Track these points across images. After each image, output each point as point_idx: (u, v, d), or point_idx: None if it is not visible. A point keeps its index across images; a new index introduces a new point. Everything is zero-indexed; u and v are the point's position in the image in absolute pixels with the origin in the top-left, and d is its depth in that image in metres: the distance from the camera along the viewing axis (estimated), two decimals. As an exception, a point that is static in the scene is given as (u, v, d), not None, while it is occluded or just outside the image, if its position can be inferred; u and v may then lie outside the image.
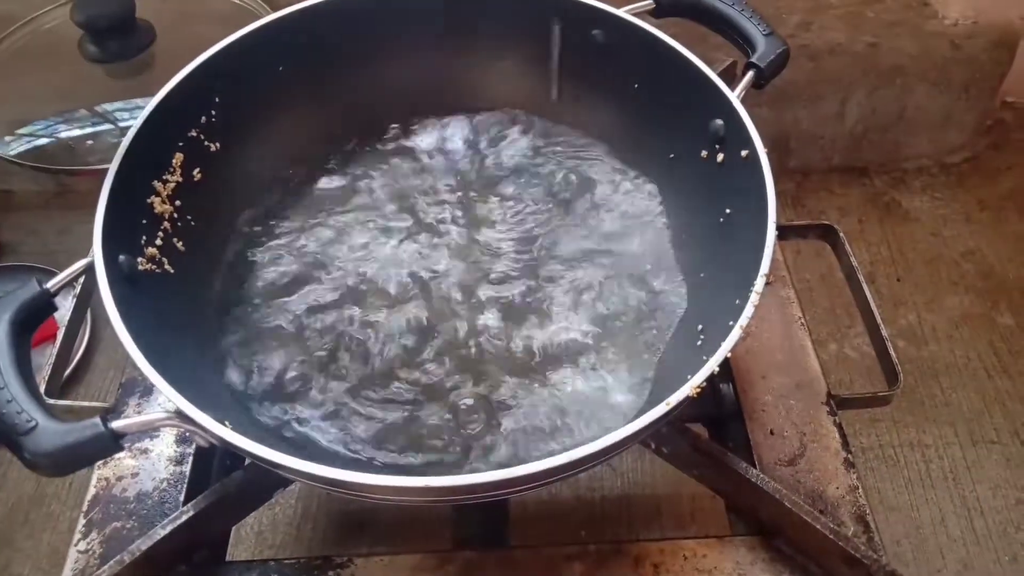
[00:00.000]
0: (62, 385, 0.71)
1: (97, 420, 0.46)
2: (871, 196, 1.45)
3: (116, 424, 0.46)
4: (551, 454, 0.45)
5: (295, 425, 0.60)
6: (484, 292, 0.68)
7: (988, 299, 1.30)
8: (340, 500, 1.08)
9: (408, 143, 0.78)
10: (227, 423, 0.48)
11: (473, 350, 0.64)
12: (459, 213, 0.73)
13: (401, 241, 0.71)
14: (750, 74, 0.66)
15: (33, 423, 0.45)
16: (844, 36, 1.31)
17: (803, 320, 0.75)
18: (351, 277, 0.69)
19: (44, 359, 0.69)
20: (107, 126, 1.29)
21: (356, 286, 0.68)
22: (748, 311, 0.51)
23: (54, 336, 0.70)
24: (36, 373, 0.51)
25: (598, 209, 0.73)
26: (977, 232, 1.39)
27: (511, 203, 0.74)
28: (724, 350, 0.50)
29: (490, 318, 0.66)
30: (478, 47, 0.77)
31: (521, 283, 0.68)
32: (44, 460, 0.45)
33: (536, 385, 0.62)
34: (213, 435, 0.48)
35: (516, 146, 0.78)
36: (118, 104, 1.28)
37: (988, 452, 1.13)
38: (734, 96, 0.63)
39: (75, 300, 0.71)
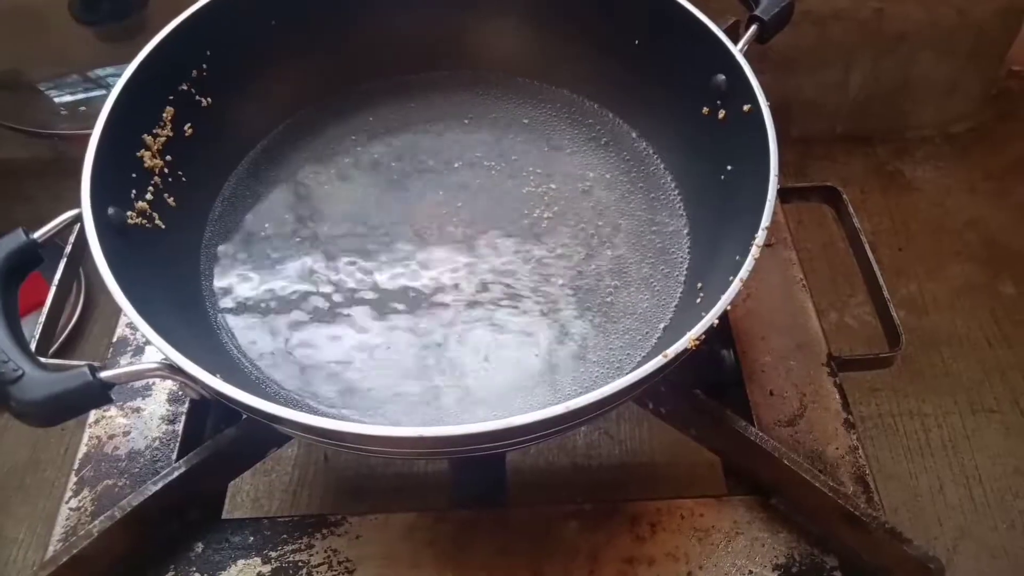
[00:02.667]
0: (56, 352, 0.71)
1: (85, 369, 0.45)
2: (874, 166, 1.43)
3: (104, 374, 0.46)
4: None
5: (287, 385, 0.60)
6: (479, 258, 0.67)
7: (990, 269, 1.29)
8: (336, 467, 1.08)
9: (402, 97, 0.76)
10: (218, 376, 0.47)
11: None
12: (456, 165, 0.72)
13: (395, 193, 0.70)
14: (753, 28, 0.65)
15: (20, 372, 0.45)
16: (849, 1, 1.29)
17: (804, 282, 0.74)
18: (343, 228, 0.68)
19: (34, 327, 0.68)
20: (100, 91, 1.28)
21: (349, 235, 0.68)
22: (748, 264, 0.51)
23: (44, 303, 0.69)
24: (29, 341, 0.50)
25: (597, 170, 0.72)
26: (980, 202, 1.38)
27: (503, 163, 0.73)
28: (724, 303, 0.49)
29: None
30: (476, 3, 0.75)
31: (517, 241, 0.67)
32: (31, 409, 0.44)
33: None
34: (204, 386, 0.47)
35: (513, 106, 0.77)
36: (110, 69, 1.27)
37: (987, 421, 1.13)
38: (736, 50, 0.62)
39: (66, 260, 0.70)
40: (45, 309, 0.68)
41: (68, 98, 1.29)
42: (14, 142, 1.36)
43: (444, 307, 0.63)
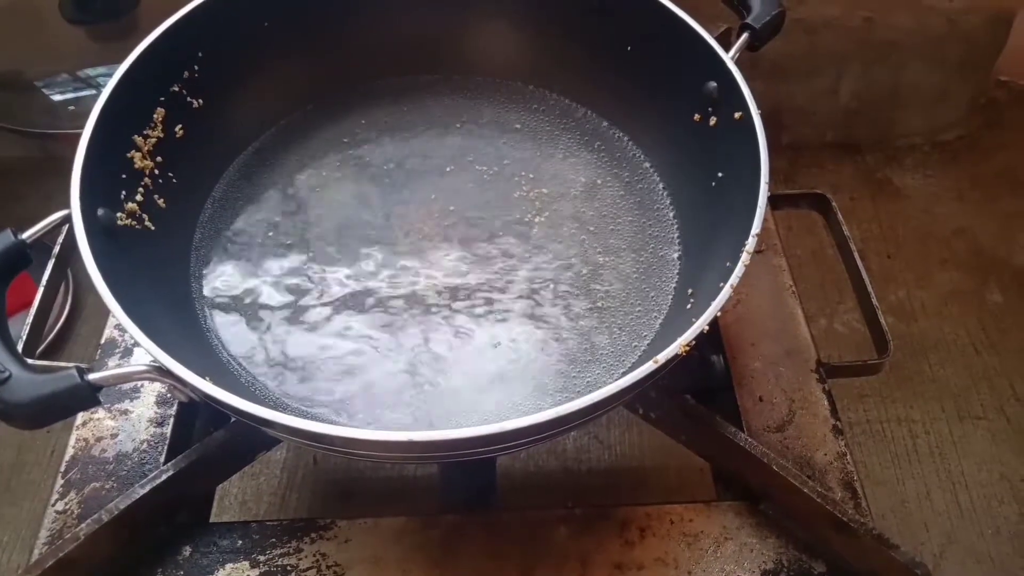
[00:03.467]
0: (43, 354, 0.70)
1: (73, 371, 0.45)
2: (863, 173, 1.44)
3: (93, 376, 0.45)
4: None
5: (276, 388, 0.59)
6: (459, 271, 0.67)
7: (978, 276, 1.29)
8: (325, 471, 1.08)
9: (394, 101, 0.76)
10: (207, 378, 0.47)
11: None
12: (448, 169, 0.72)
13: (387, 196, 0.70)
14: (745, 35, 0.65)
15: (7, 373, 0.44)
16: (840, 10, 1.30)
17: (794, 289, 0.74)
18: (334, 231, 0.68)
19: (22, 328, 0.67)
20: (90, 91, 1.27)
21: (340, 238, 0.68)
22: (739, 270, 0.51)
23: (32, 304, 0.69)
24: (16, 341, 0.50)
25: (588, 175, 0.72)
26: (968, 210, 1.38)
27: (495, 167, 0.73)
28: (714, 309, 0.49)
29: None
30: (468, 6, 0.76)
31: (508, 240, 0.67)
32: (18, 411, 0.44)
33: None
34: (193, 389, 0.46)
35: (504, 111, 0.77)
36: (101, 69, 1.26)
37: (974, 428, 1.14)
38: (728, 57, 0.62)
39: (54, 260, 0.70)
40: (33, 310, 0.68)
41: (59, 97, 1.28)
42: (3, 141, 1.35)
43: (435, 310, 0.63)
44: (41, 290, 0.68)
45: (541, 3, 0.74)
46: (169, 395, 0.66)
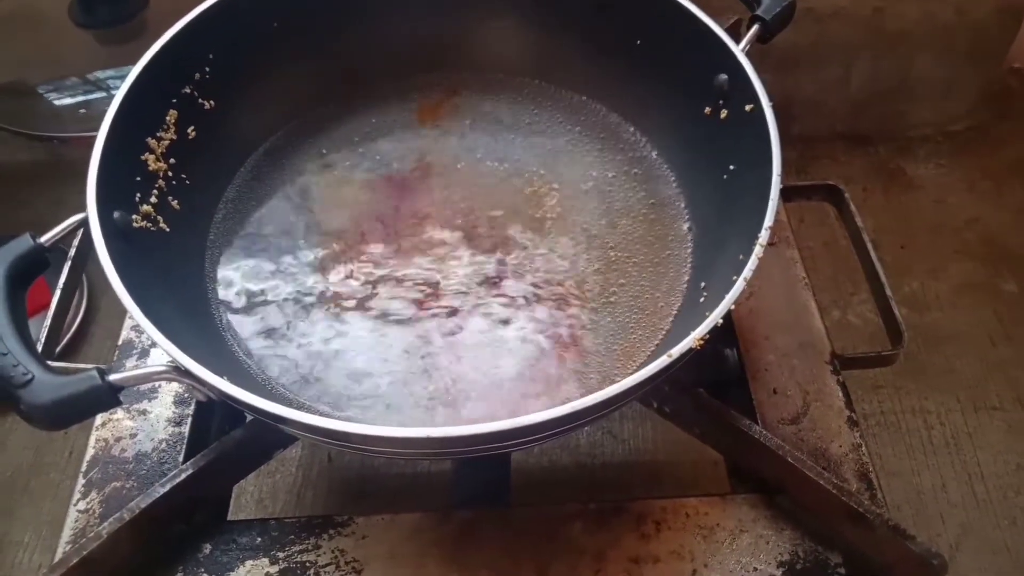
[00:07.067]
0: (58, 356, 0.70)
1: (94, 372, 0.46)
2: (875, 164, 1.44)
3: (113, 377, 0.46)
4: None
5: (292, 386, 0.60)
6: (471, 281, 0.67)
7: (991, 267, 1.29)
8: (340, 468, 1.08)
9: (403, 99, 0.77)
10: (225, 378, 0.47)
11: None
12: (459, 166, 0.72)
13: (398, 194, 0.70)
14: (755, 27, 0.65)
15: (30, 376, 0.45)
16: (849, 0, 1.29)
17: (807, 281, 0.74)
18: (346, 229, 0.68)
19: (39, 328, 0.68)
20: (99, 94, 1.28)
21: (352, 237, 0.68)
22: (752, 263, 0.51)
23: (48, 305, 0.69)
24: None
25: (599, 170, 0.72)
26: (980, 201, 1.38)
27: (506, 163, 0.73)
28: (728, 302, 0.49)
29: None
30: (476, 5, 0.76)
31: (519, 240, 0.68)
32: (40, 413, 0.45)
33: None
34: (212, 388, 0.47)
35: (514, 107, 0.77)
36: (110, 72, 1.27)
37: (990, 418, 1.13)
38: (739, 49, 0.62)
39: (70, 263, 0.71)
40: (50, 312, 0.68)
41: (68, 101, 1.29)
42: (11, 144, 1.36)
43: (447, 307, 0.64)
44: (58, 293, 0.69)
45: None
46: (187, 395, 0.67)
